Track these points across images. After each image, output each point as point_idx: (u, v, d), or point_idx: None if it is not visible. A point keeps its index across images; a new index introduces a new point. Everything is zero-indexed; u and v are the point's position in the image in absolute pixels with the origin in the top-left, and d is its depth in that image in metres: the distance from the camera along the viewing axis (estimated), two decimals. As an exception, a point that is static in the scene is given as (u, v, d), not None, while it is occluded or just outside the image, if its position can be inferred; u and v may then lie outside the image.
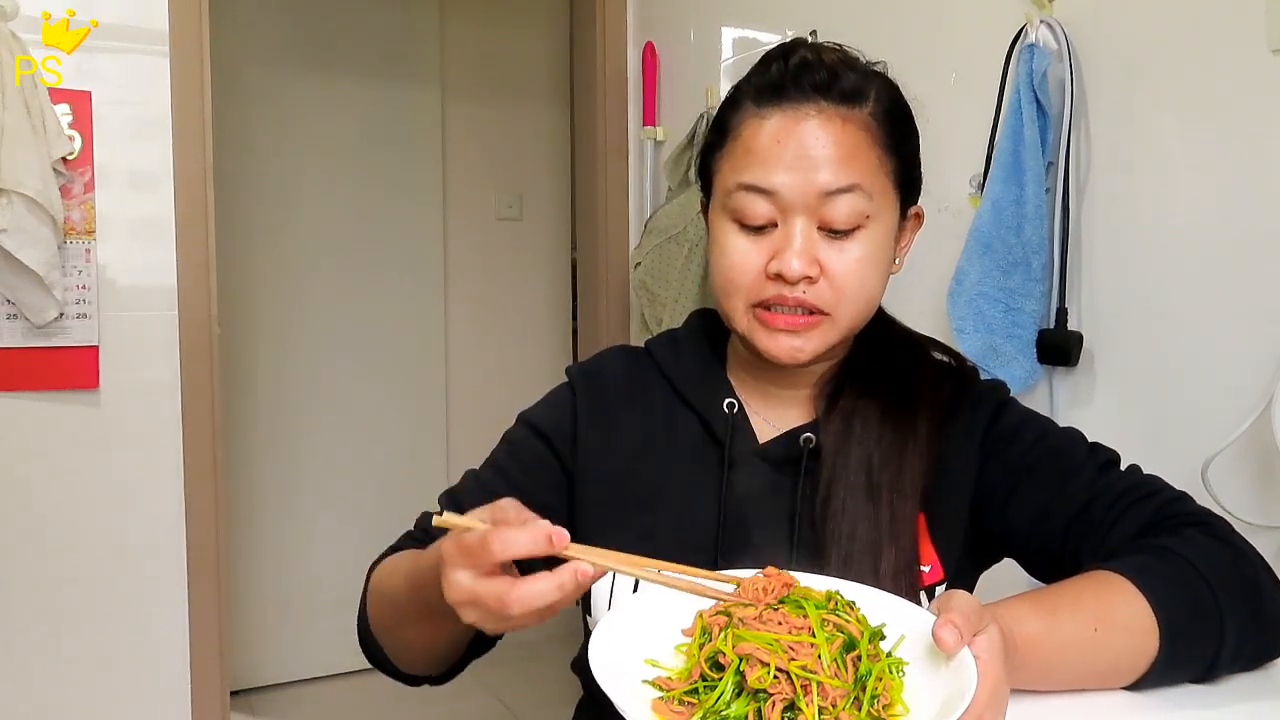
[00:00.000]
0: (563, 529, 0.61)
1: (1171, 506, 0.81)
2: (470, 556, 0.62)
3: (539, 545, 0.61)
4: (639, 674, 0.62)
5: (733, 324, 0.88)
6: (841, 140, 0.82)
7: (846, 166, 0.82)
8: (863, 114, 0.84)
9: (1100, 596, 0.71)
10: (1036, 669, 0.67)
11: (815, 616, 0.61)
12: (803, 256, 0.82)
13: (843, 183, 0.82)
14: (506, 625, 0.64)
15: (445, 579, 0.64)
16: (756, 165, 0.83)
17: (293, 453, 3.03)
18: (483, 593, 0.62)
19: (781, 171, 0.82)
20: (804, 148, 0.82)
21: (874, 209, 0.83)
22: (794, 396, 0.93)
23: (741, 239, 0.85)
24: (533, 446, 0.95)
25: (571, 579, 0.60)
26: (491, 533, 0.61)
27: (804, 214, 0.82)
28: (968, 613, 0.59)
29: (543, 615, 0.63)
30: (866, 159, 0.83)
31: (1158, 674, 0.71)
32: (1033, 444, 0.87)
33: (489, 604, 0.62)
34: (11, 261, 1.81)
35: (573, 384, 0.98)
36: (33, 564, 1.97)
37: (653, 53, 2.50)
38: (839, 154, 0.82)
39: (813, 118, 0.82)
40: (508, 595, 0.60)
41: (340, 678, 3.06)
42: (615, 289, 2.58)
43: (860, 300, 0.85)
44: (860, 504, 0.83)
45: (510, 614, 0.61)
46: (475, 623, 0.64)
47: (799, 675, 0.57)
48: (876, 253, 0.85)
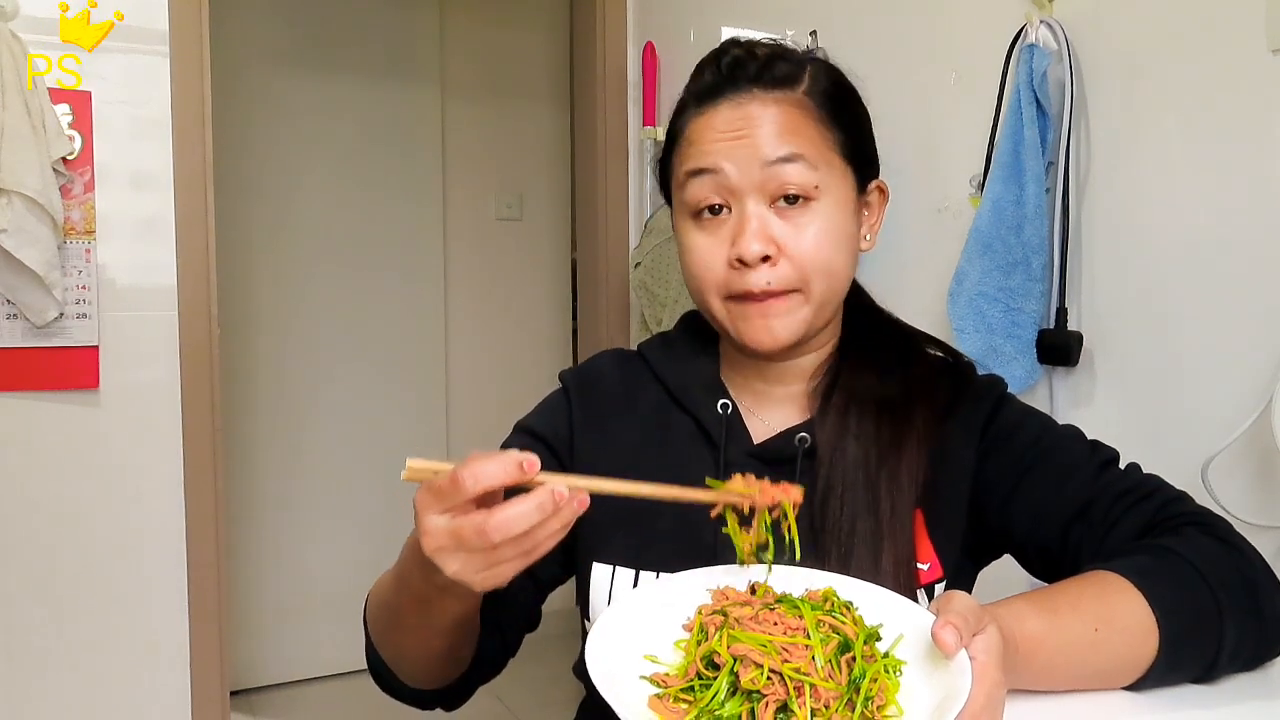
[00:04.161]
0: (534, 455, 0.61)
1: (1171, 506, 0.81)
2: (442, 497, 0.61)
3: (510, 472, 0.60)
4: (637, 669, 0.62)
5: (714, 319, 0.89)
6: (777, 117, 0.84)
7: (785, 138, 0.84)
8: (796, 94, 0.86)
9: (1100, 597, 0.71)
10: (1036, 669, 0.67)
11: (810, 618, 0.61)
12: (758, 236, 0.83)
13: (782, 152, 0.83)
14: (492, 568, 0.62)
15: (422, 530, 0.62)
16: (698, 152, 0.86)
17: (293, 453, 3.03)
18: (461, 527, 0.60)
19: (722, 151, 0.84)
20: (743, 128, 0.84)
21: (821, 179, 0.85)
22: (787, 394, 0.93)
23: (701, 236, 0.87)
24: (532, 450, 0.95)
25: (549, 498, 0.59)
26: (459, 468, 0.60)
27: (752, 193, 0.84)
28: (967, 614, 0.59)
29: (527, 549, 0.61)
30: (805, 132, 0.85)
31: (1158, 674, 0.71)
32: (1032, 441, 0.87)
33: (469, 538, 0.60)
34: (11, 261, 1.81)
35: (566, 389, 0.98)
36: (33, 564, 1.97)
37: (653, 53, 2.50)
38: (776, 128, 0.84)
39: (749, 104, 0.85)
40: (487, 523, 0.59)
41: (340, 678, 3.06)
42: (615, 289, 2.58)
43: (826, 274, 0.86)
44: (858, 499, 0.83)
45: (493, 543, 0.59)
46: (458, 574, 0.62)
47: (792, 677, 0.57)
48: (833, 225, 0.86)
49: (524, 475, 0.60)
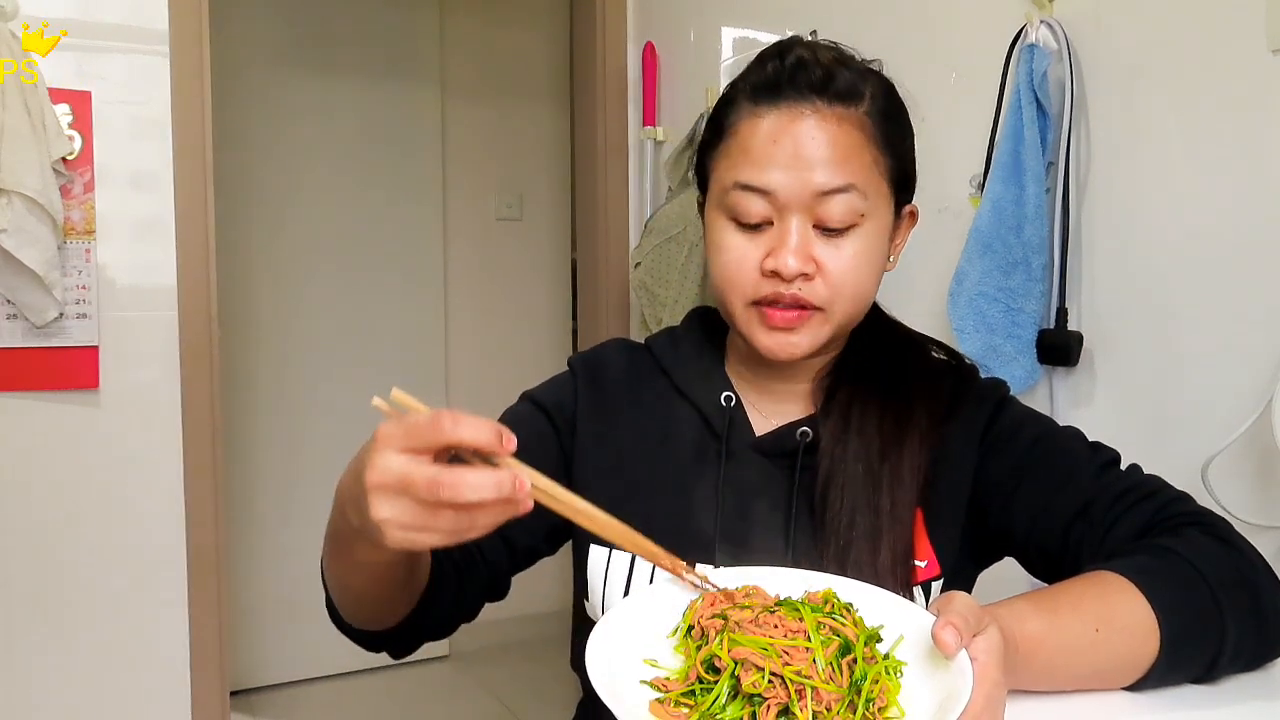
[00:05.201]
0: (513, 434, 0.57)
1: (1172, 507, 0.81)
2: (412, 436, 0.57)
3: (488, 437, 0.57)
4: (637, 674, 0.62)
5: (732, 320, 0.89)
6: (837, 140, 0.82)
7: (842, 167, 0.82)
8: (858, 113, 0.84)
9: (1101, 597, 0.71)
10: (1037, 669, 0.67)
11: (811, 620, 0.61)
12: (798, 254, 0.82)
13: (838, 183, 0.82)
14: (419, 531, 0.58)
15: (371, 463, 0.58)
16: (752, 165, 0.83)
17: (293, 453, 3.03)
18: (413, 472, 0.56)
19: (777, 171, 0.82)
20: (800, 147, 0.82)
21: (869, 208, 0.84)
22: (791, 391, 0.93)
23: (738, 237, 0.86)
24: (534, 420, 0.96)
25: (511, 483, 0.55)
26: (442, 411, 0.57)
27: (799, 212, 0.83)
28: (967, 614, 0.59)
29: (461, 526, 0.57)
30: (861, 158, 0.84)
31: (1158, 674, 0.71)
32: (1033, 443, 0.87)
33: (418, 485, 0.56)
34: (11, 261, 1.81)
35: (574, 371, 0.99)
36: (32, 564, 1.97)
37: (653, 53, 2.50)
38: (834, 154, 0.82)
39: (808, 117, 0.83)
40: (440, 476, 0.55)
41: (340, 678, 3.06)
42: (615, 289, 2.58)
43: (855, 297, 0.86)
44: (858, 494, 0.84)
45: (437, 499, 0.56)
46: (384, 521, 0.57)
47: (793, 680, 0.57)
48: (871, 250, 0.85)
49: (499, 448, 0.57)
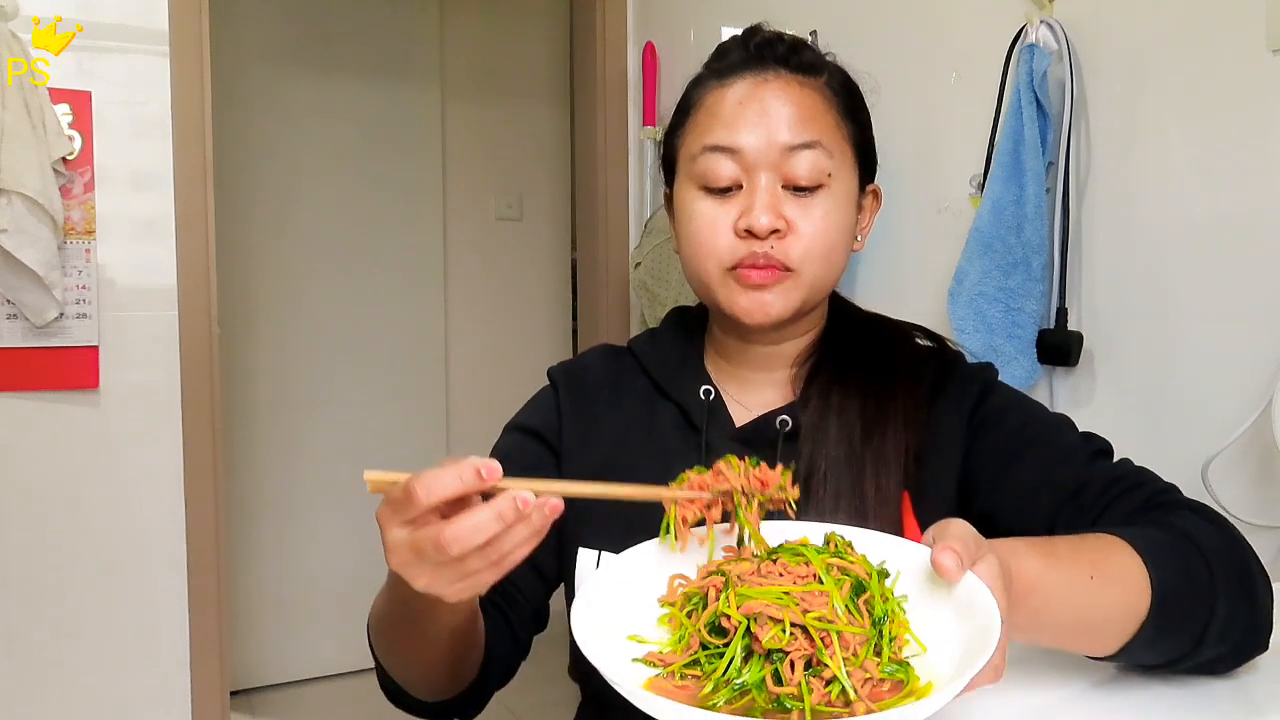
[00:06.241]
0: (494, 462, 0.58)
1: (1162, 495, 0.80)
2: (400, 510, 0.58)
3: (468, 480, 0.57)
4: (627, 653, 0.58)
5: (709, 290, 0.89)
6: (801, 100, 0.86)
7: (808, 124, 0.86)
8: (819, 82, 0.88)
9: (1098, 549, 0.69)
10: (1031, 609, 0.62)
11: (819, 561, 0.57)
12: (770, 210, 0.84)
13: (804, 138, 0.85)
14: (464, 580, 0.59)
15: (386, 547, 0.60)
16: (720, 126, 0.86)
17: (293, 453, 3.03)
18: (420, 540, 0.58)
19: (745, 130, 0.85)
20: (766, 107, 0.85)
21: (835, 168, 0.86)
22: (770, 380, 0.94)
23: (708, 203, 0.87)
24: (524, 449, 0.96)
25: (510, 507, 0.56)
26: (413, 479, 0.58)
27: (768, 170, 0.85)
28: (966, 539, 0.56)
29: (495, 559, 0.58)
30: (825, 120, 0.87)
31: (1146, 638, 0.67)
32: (1022, 425, 0.87)
33: (428, 551, 0.57)
34: (11, 261, 1.81)
35: (554, 382, 1.00)
36: (32, 564, 1.97)
37: (653, 53, 2.50)
38: (800, 112, 0.86)
39: (773, 82, 0.87)
40: (441, 535, 0.56)
41: (340, 678, 3.06)
42: (615, 289, 2.58)
43: (825, 260, 0.87)
44: (842, 477, 0.84)
45: (451, 555, 0.56)
46: (429, 588, 0.59)
47: (816, 627, 0.53)
48: (839, 213, 0.87)
49: (482, 482, 0.57)
